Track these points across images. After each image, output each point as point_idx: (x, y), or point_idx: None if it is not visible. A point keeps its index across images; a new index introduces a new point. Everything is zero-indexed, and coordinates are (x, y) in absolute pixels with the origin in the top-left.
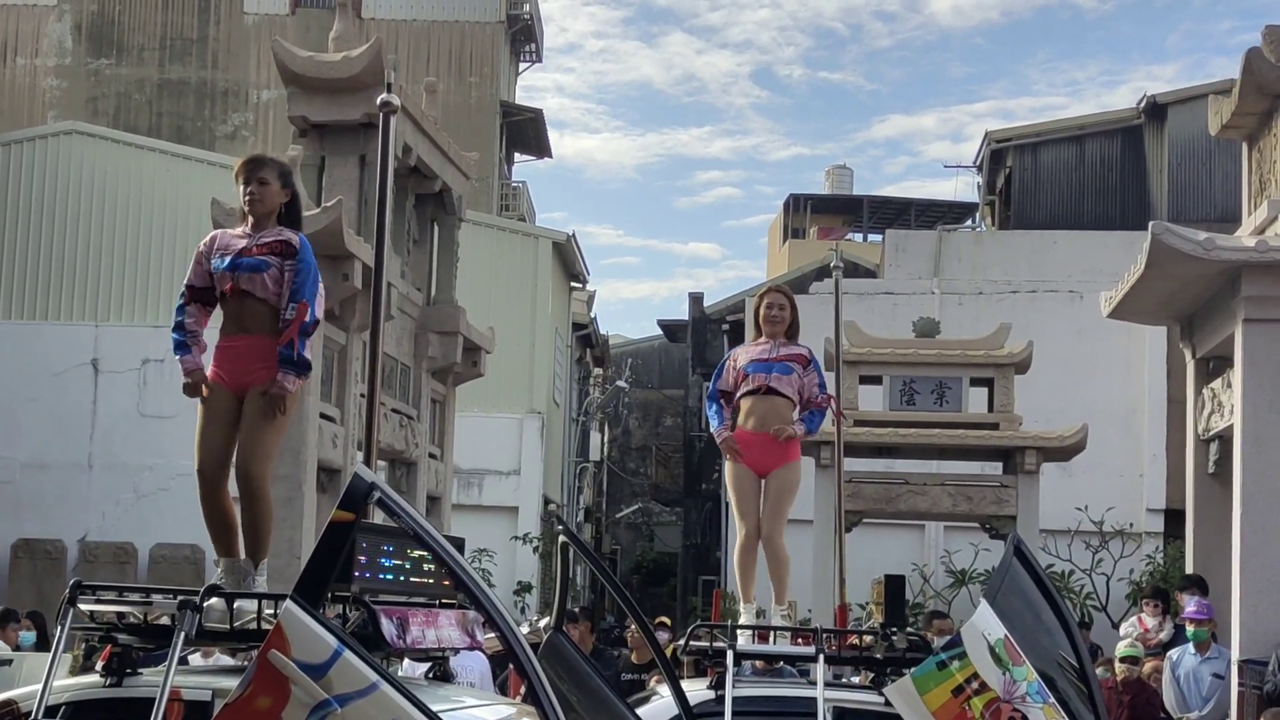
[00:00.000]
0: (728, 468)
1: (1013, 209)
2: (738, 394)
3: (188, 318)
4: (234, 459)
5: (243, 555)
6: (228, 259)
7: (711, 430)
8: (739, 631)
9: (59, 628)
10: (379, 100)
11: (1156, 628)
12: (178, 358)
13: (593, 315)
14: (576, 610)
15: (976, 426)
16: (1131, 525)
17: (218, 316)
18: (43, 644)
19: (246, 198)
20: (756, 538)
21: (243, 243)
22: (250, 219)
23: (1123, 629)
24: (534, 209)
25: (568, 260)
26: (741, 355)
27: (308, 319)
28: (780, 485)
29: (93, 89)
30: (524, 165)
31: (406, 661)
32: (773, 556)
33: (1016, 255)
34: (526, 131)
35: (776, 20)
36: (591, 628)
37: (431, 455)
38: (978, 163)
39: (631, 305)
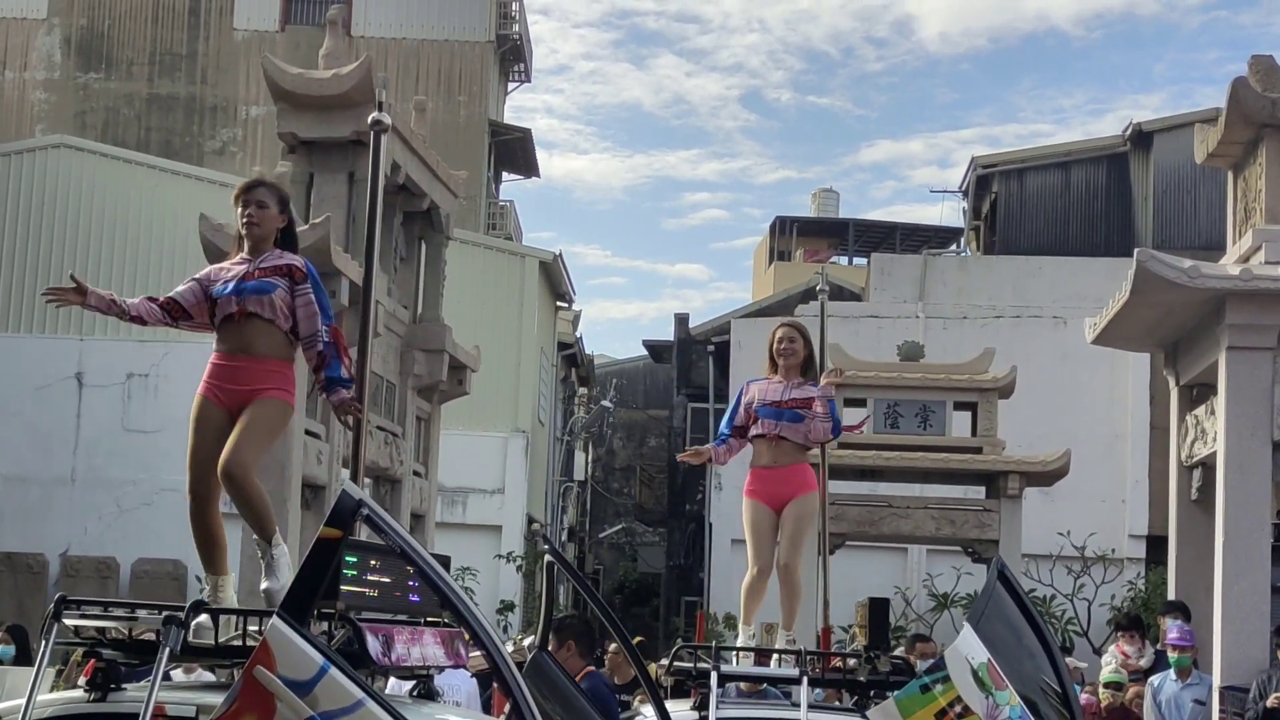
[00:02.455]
0: (744, 506)
1: (998, 234)
2: (749, 434)
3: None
4: (220, 461)
5: (254, 536)
6: (230, 284)
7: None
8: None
9: (43, 642)
10: (370, 119)
11: (1136, 654)
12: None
13: (578, 335)
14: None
15: (960, 450)
16: (1113, 551)
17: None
18: (22, 659)
19: (244, 220)
20: (767, 576)
21: (243, 268)
22: (246, 243)
23: (1104, 658)
24: (521, 228)
25: (554, 279)
26: (756, 392)
27: (335, 340)
28: (798, 515)
29: (81, 103)
30: (512, 184)
31: (391, 679)
32: (789, 584)
33: (1001, 280)
34: (514, 151)
35: (766, 44)
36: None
37: (416, 473)
38: (964, 188)
39: (619, 325)
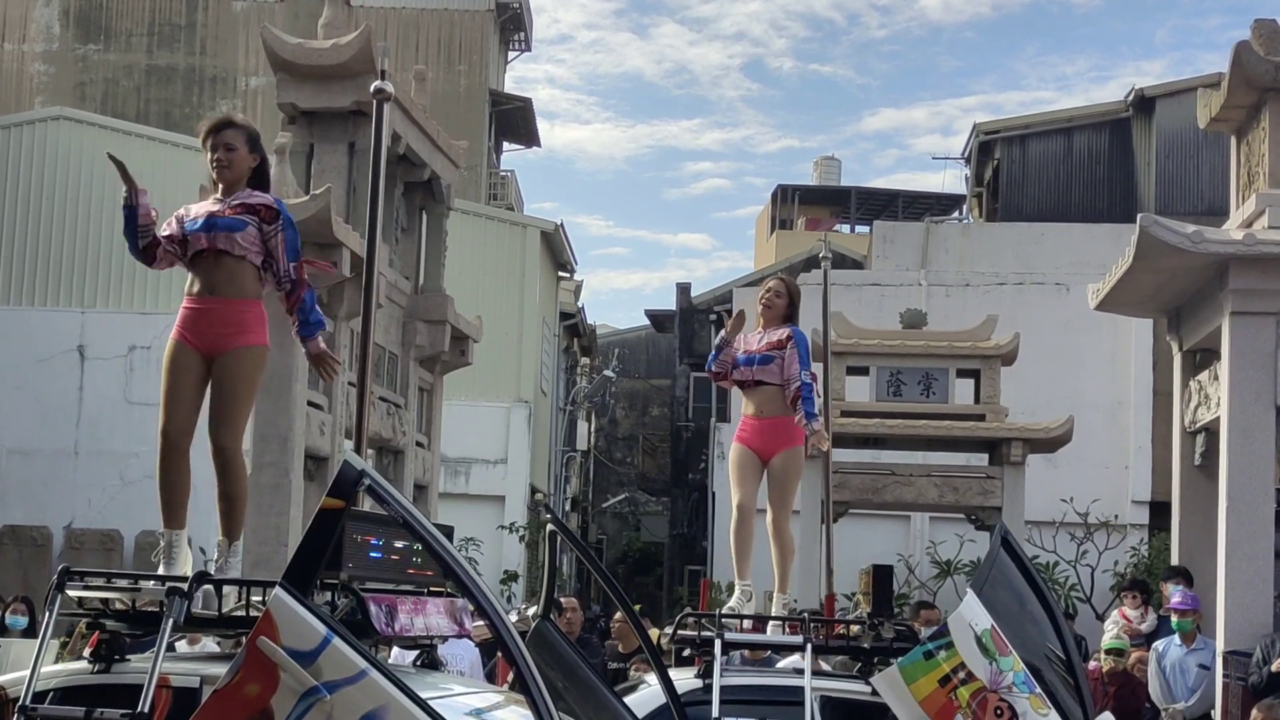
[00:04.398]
0: (733, 449)
1: (1000, 201)
2: (732, 381)
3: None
4: (209, 430)
5: (218, 535)
6: (200, 220)
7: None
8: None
9: (47, 613)
10: (373, 87)
11: (1138, 619)
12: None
13: (580, 305)
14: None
15: (963, 418)
16: (1116, 517)
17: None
18: (31, 630)
19: (214, 164)
20: (750, 510)
21: (215, 207)
22: (219, 187)
23: (1106, 624)
24: (522, 198)
25: (556, 249)
26: (740, 345)
27: (298, 276)
28: (784, 468)
29: (80, 75)
30: (513, 155)
31: (395, 649)
32: (779, 542)
33: (1004, 247)
34: (515, 120)
35: (768, 12)
36: (582, 616)
37: (419, 444)
38: (966, 155)
39: (622, 295)
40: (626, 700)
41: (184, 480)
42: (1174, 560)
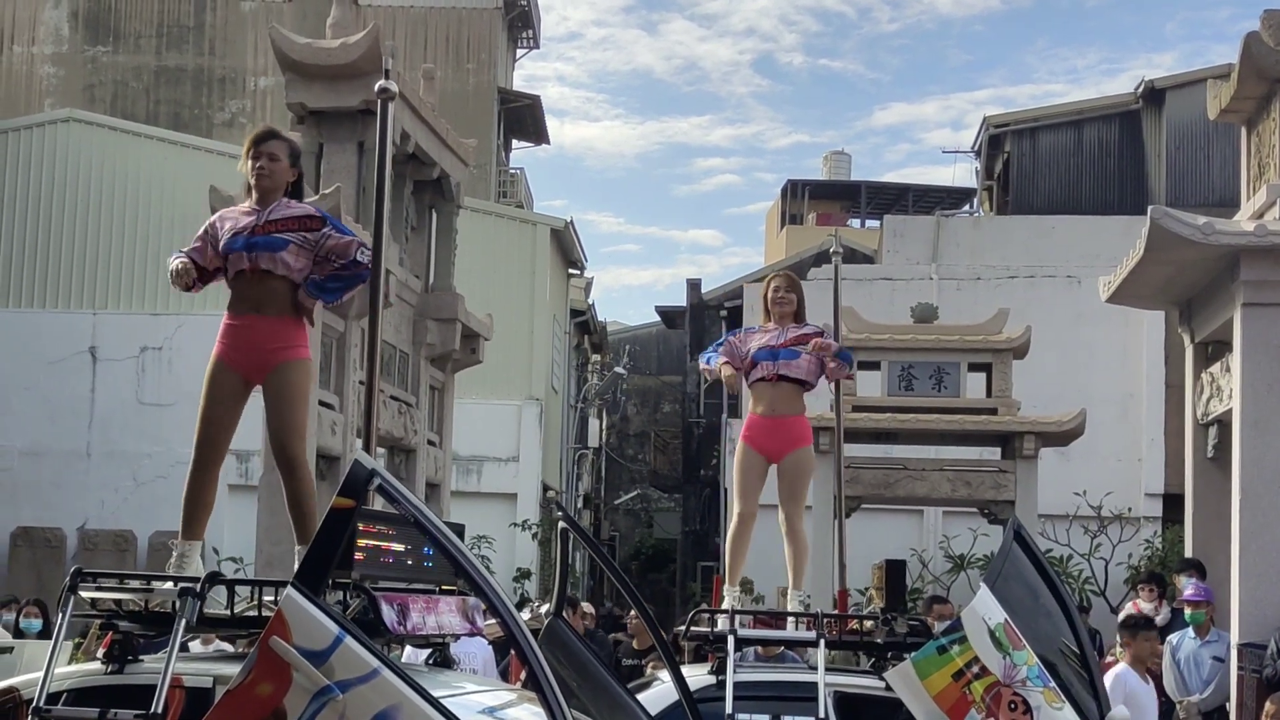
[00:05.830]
0: (737, 450)
1: (1011, 194)
2: (749, 379)
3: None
4: (271, 443)
5: (296, 544)
6: (240, 238)
7: (706, 365)
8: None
9: (60, 614)
10: (377, 87)
11: (1152, 611)
12: (177, 261)
13: (591, 302)
14: (575, 595)
15: (975, 412)
16: (1130, 510)
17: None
18: (46, 633)
19: (255, 171)
20: (751, 522)
21: (251, 220)
22: (255, 194)
23: (1120, 616)
24: (532, 195)
25: (566, 247)
26: (749, 339)
27: (360, 257)
28: (797, 467)
29: (90, 76)
30: (522, 152)
31: (408, 648)
32: (794, 541)
33: (1014, 240)
34: (524, 118)
35: (777, 7)
36: (595, 616)
37: (430, 442)
38: (976, 148)
39: (633, 292)
40: (640, 697)
41: (209, 497)
42: (1188, 553)
